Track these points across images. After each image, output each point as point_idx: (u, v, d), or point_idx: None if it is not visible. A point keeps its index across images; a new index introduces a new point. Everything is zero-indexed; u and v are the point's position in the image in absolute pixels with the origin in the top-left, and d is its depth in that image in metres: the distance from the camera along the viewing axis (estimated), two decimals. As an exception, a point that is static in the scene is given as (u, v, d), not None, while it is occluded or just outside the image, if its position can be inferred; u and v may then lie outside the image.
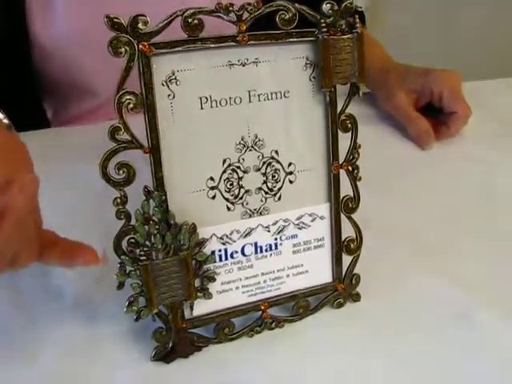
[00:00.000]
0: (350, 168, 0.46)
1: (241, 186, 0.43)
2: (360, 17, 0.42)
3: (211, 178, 0.42)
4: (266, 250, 0.46)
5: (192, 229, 0.42)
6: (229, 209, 0.44)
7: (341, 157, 0.46)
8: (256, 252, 0.45)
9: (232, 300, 0.45)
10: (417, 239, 0.56)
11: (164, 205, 0.41)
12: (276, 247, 0.46)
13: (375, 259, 0.51)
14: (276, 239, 0.46)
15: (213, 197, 0.43)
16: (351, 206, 0.47)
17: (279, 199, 0.45)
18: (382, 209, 0.59)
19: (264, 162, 0.44)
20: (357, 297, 0.49)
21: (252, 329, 0.46)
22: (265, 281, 0.46)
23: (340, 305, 0.49)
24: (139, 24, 0.37)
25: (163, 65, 0.39)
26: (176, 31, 0.38)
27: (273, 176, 0.44)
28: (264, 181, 0.44)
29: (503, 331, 0.46)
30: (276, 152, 0.44)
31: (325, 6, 0.42)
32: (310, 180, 0.46)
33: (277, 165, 0.44)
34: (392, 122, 0.76)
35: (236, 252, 0.45)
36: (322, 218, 0.47)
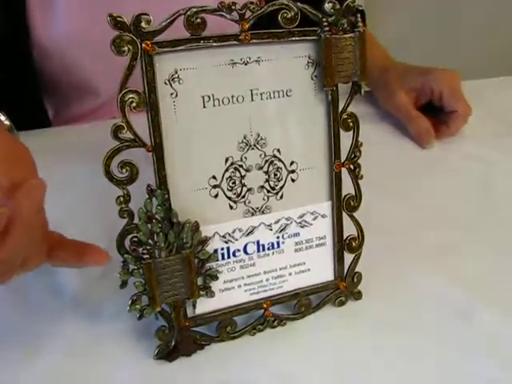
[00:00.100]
0: (352, 166, 0.47)
1: (243, 185, 0.43)
2: (361, 16, 0.42)
3: (214, 177, 0.42)
4: (269, 249, 0.46)
5: (195, 227, 0.42)
6: (231, 207, 0.44)
7: (342, 155, 0.46)
8: (258, 250, 0.45)
9: (234, 298, 0.45)
10: (417, 238, 0.56)
11: (167, 203, 0.41)
12: (278, 245, 0.46)
13: (376, 258, 0.51)
14: (278, 237, 0.46)
15: (215, 195, 0.43)
16: (353, 205, 0.47)
17: (281, 198, 0.45)
18: (383, 207, 0.59)
19: (266, 161, 0.44)
20: (358, 295, 0.49)
21: (254, 327, 0.46)
22: (267, 279, 0.46)
23: (342, 303, 0.49)
24: (142, 23, 0.37)
25: (166, 63, 0.39)
26: (179, 30, 0.38)
27: (275, 174, 0.44)
28: (266, 179, 0.44)
29: (504, 330, 0.46)
30: (278, 150, 0.44)
31: (327, 5, 0.42)
32: (312, 178, 0.46)
33: (279, 163, 0.44)
34: (392, 121, 0.76)
35: (238, 250, 0.45)
36: (324, 217, 0.47)
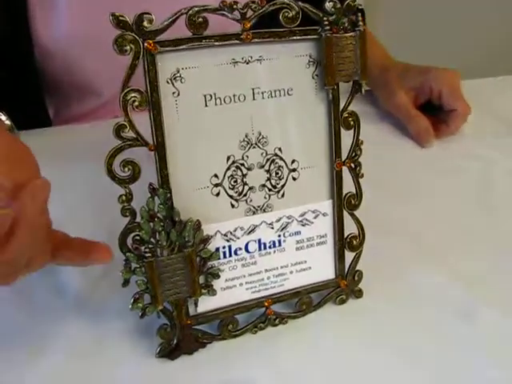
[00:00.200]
0: (353, 165, 0.47)
1: (245, 183, 0.44)
2: (361, 15, 0.43)
3: (215, 175, 0.43)
4: (270, 247, 0.46)
5: (196, 226, 0.42)
6: (233, 206, 0.44)
7: (343, 154, 0.46)
8: (260, 249, 0.45)
9: (236, 297, 0.46)
10: (417, 236, 0.56)
11: (169, 202, 0.41)
12: (279, 244, 0.46)
13: (377, 256, 0.51)
14: (279, 236, 0.46)
15: (217, 194, 0.43)
16: (354, 203, 0.47)
17: (282, 196, 0.45)
18: (383, 206, 0.59)
19: (268, 159, 0.44)
20: (359, 293, 0.49)
21: (256, 325, 0.46)
22: (268, 277, 0.46)
23: (342, 301, 0.49)
24: (144, 22, 0.37)
25: (168, 62, 0.39)
26: (181, 29, 0.38)
27: (276, 173, 0.44)
28: (268, 178, 0.44)
29: (504, 330, 0.46)
30: (279, 149, 0.44)
31: (328, 4, 0.42)
32: (313, 177, 0.46)
33: (280, 162, 0.44)
34: (391, 120, 0.76)
35: (240, 249, 0.45)
36: (325, 215, 0.47)
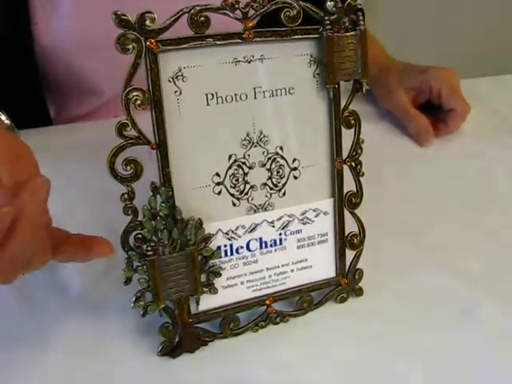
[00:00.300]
0: (354, 164, 0.47)
1: (246, 182, 0.44)
2: (361, 14, 0.43)
3: (217, 174, 0.43)
4: (271, 245, 0.46)
5: (198, 224, 0.42)
6: (234, 204, 0.44)
7: (344, 153, 0.46)
8: (261, 247, 0.46)
9: (237, 295, 0.46)
10: (417, 234, 0.57)
11: (171, 200, 0.41)
12: (280, 242, 0.46)
13: (377, 254, 0.51)
14: (280, 234, 0.46)
15: (218, 192, 0.43)
16: (354, 202, 0.48)
17: (284, 195, 0.45)
18: (383, 205, 0.59)
19: (269, 158, 0.44)
20: (360, 291, 0.50)
21: (257, 323, 0.46)
22: (269, 276, 0.46)
23: (343, 299, 0.49)
24: (147, 21, 0.38)
25: (170, 61, 0.39)
26: (184, 28, 0.38)
27: (277, 172, 0.45)
28: (269, 176, 0.44)
29: (506, 327, 0.47)
30: (281, 148, 0.44)
31: (329, 4, 0.43)
32: (314, 176, 0.46)
33: (281, 160, 0.45)
34: (391, 119, 0.76)
35: (241, 247, 0.45)
36: (326, 214, 0.47)
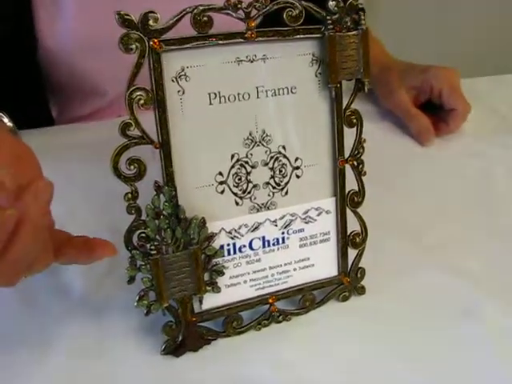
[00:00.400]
0: (355, 163, 0.47)
1: (249, 181, 0.44)
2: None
3: (220, 173, 0.43)
4: (274, 244, 0.46)
5: (201, 223, 0.42)
6: (237, 203, 0.44)
7: (345, 152, 0.46)
8: (263, 246, 0.46)
9: (240, 294, 0.46)
10: (418, 234, 0.57)
11: (174, 200, 0.41)
12: (283, 241, 0.46)
13: (379, 253, 0.51)
14: (283, 233, 0.46)
15: (221, 191, 0.43)
16: (356, 201, 0.48)
17: (286, 194, 0.45)
18: (384, 204, 0.59)
19: (271, 157, 0.44)
20: (362, 290, 0.50)
21: (260, 322, 0.46)
22: (272, 274, 0.47)
23: (345, 298, 0.49)
24: (150, 21, 0.38)
25: (173, 61, 0.39)
26: (187, 28, 0.38)
27: (280, 171, 0.45)
28: (271, 175, 0.45)
29: (506, 325, 0.47)
30: (283, 147, 0.44)
31: (331, 3, 0.43)
32: (316, 175, 0.46)
33: (284, 160, 0.45)
34: (392, 119, 0.76)
35: (244, 246, 0.45)
36: (328, 213, 0.47)
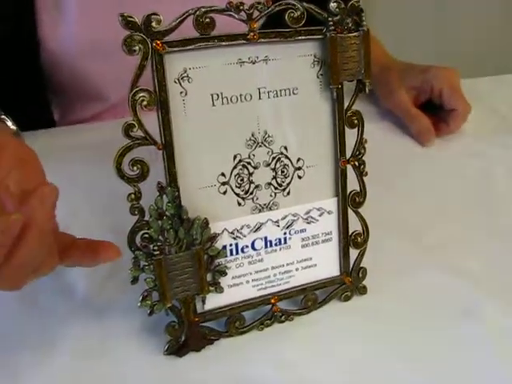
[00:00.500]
0: (357, 163, 0.47)
1: (251, 182, 0.44)
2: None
3: (222, 174, 0.43)
4: (276, 244, 0.46)
5: (204, 224, 0.42)
6: (239, 204, 0.44)
7: (347, 152, 0.47)
8: (266, 246, 0.46)
9: (242, 294, 0.46)
10: (419, 234, 0.57)
11: (177, 200, 0.41)
12: (285, 241, 0.47)
13: (381, 253, 0.51)
14: (285, 233, 0.46)
15: (224, 192, 0.44)
16: (358, 201, 0.48)
17: (288, 194, 0.46)
18: (384, 204, 0.59)
19: (273, 158, 0.44)
20: (363, 290, 0.50)
21: (262, 322, 0.46)
22: (274, 274, 0.47)
23: (347, 298, 0.50)
24: (153, 23, 0.38)
25: (176, 63, 0.40)
26: (190, 29, 0.39)
27: (282, 171, 0.45)
28: (273, 176, 0.45)
29: (506, 325, 0.47)
30: (285, 148, 0.45)
31: (332, 5, 0.43)
32: (318, 175, 0.46)
33: (286, 160, 0.45)
34: (392, 119, 0.76)
35: (246, 246, 0.45)
36: (330, 213, 0.48)
